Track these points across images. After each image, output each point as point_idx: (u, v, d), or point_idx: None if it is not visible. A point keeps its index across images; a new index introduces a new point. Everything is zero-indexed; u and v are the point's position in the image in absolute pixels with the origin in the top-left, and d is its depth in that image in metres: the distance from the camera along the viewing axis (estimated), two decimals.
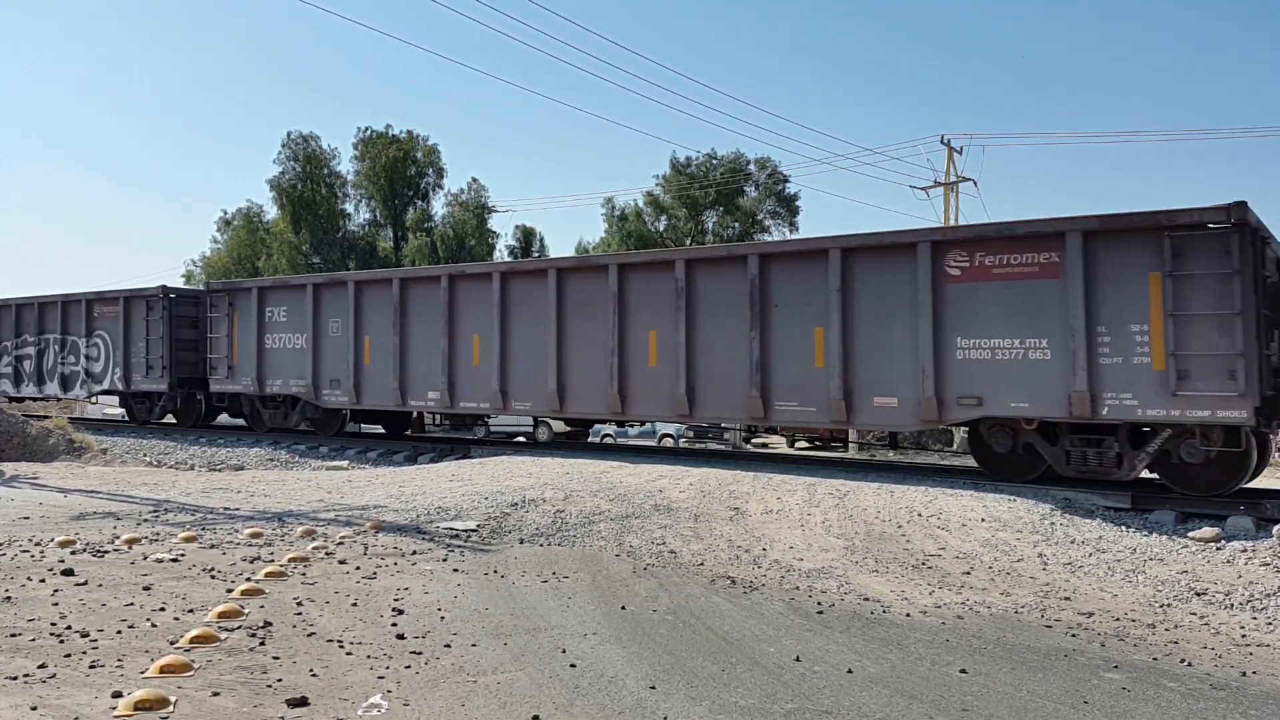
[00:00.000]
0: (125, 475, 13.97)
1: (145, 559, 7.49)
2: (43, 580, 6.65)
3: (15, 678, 4.63)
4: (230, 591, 6.47)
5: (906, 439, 20.91)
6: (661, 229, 47.78)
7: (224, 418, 21.92)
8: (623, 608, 6.48)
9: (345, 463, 16.67)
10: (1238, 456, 10.39)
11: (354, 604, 6.30)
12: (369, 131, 47.25)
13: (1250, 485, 10.91)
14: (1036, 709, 4.67)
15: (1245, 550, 8.41)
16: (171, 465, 16.77)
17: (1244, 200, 9.77)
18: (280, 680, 4.76)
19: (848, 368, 12.40)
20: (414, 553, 8.05)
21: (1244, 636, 6.10)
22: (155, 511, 10.10)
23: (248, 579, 6.87)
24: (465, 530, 9.14)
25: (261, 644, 5.34)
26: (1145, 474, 11.18)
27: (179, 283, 48.82)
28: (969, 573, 7.77)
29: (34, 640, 5.26)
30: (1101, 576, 7.70)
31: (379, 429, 21.10)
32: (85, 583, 6.62)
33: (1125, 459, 10.91)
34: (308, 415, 19.01)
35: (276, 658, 5.11)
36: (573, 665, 5.17)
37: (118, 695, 4.42)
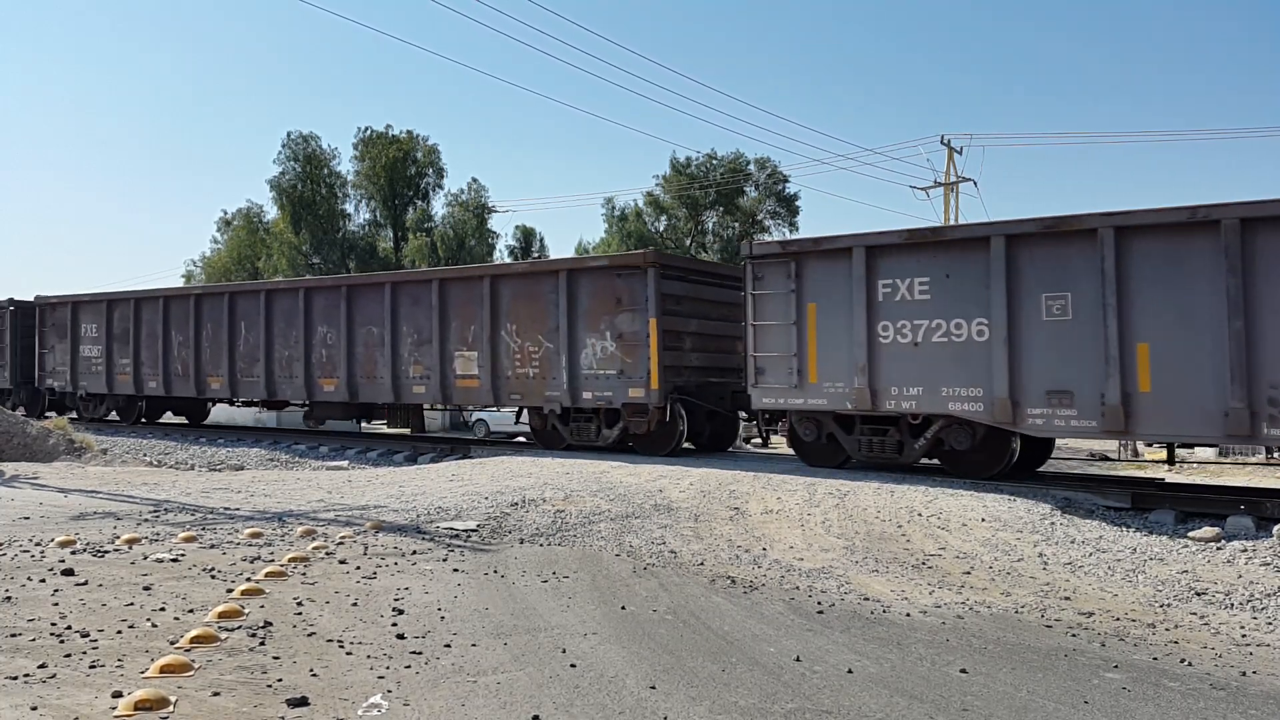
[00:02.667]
0: (125, 475, 13.97)
1: (145, 559, 7.49)
2: (43, 580, 6.65)
3: (15, 678, 4.63)
4: (230, 591, 6.47)
5: None
6: (661, 229, 47.75)
7: None
8: (623, 607, 6.48)
9: (345, 463, 16.67)
10: None
11: (354, 604, 6.30)
12: (369, 131, 47.21)
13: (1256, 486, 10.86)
14: (1037, 709, 4.67)
15: (1245, 550, 8.41)
16: (171, 465, 16.78)
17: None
18: (280, 680, 4.76)
19: None
20: (414, 553, 8.05)
21: (1244, 636, 6.09)
22: (155, 511, 10.10)
23: (248, 579, 6.86)
24: (465, 530, 9.14)
25: (262, 644, 5.34)
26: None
27: (179, 283, 48.75)
28: (969, 572, 7.77)
29: (34, 640, 5.26)
30: (1102, 576, 7.70)
31: None
32: (85, 583, 6.61)
33: None
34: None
35: (277, 658, 5.11)
36: (573, 665, 5.17)
37: (118, 695, 4.42)
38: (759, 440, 17.42)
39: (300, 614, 6.00)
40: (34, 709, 4.23)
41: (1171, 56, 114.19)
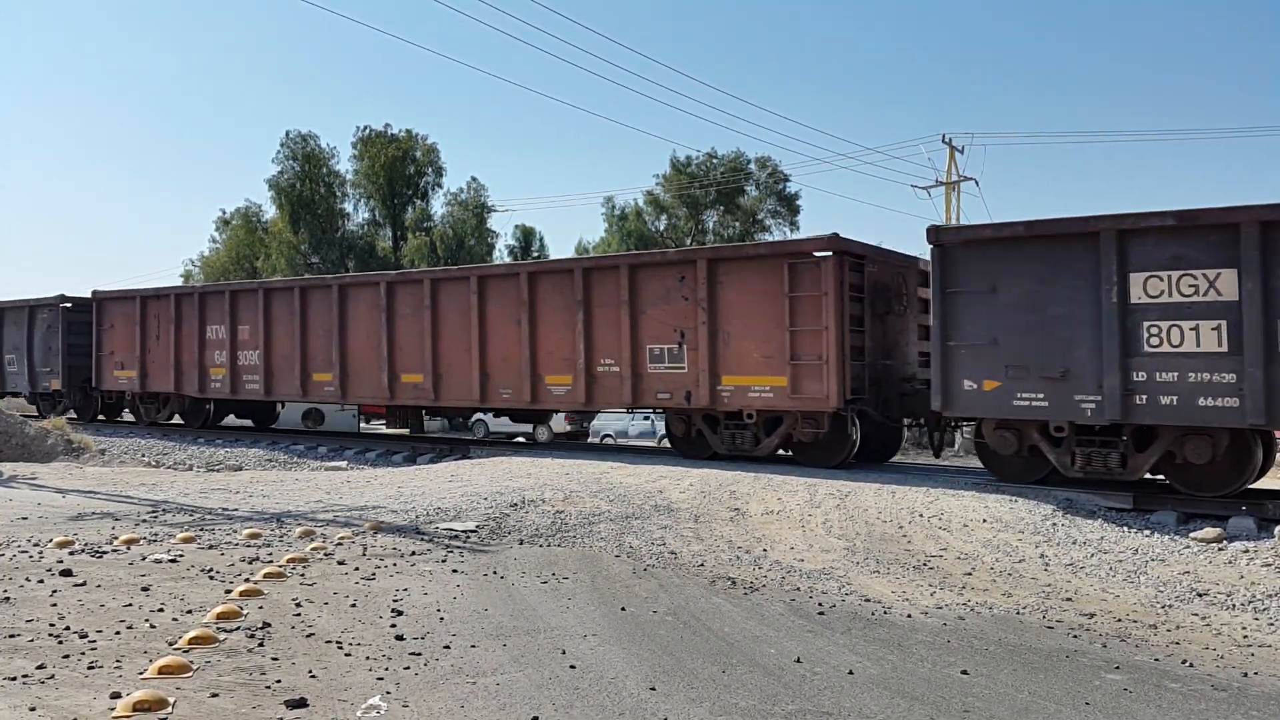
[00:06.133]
0: (123, 476, 13.95)
1: (144, 560, 7.48)
2: (41, 581, 6.63)
3: (14, 678, 4.62)
4: (229, 592, 6.45)
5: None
6: (662, 228, 47.74)
7: None
8: (623, 609, 6.46)
9: (344, 463, 16.66)
10: None
11: (353, 605, 6.28)
12: (368, 130, 47.09)
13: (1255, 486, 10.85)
14: (1038, 710, 4.66)
15: (1247, 551, 8.39)
16: (170, 466, 16.75)
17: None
18: (279, 681, 4.74)
19: None
20: (413, 553, 8.03)
21: (1246, 637, 6.08)
22: (154, 512, 10.08)
23: (246, 580, 6.85)
24: (464, 531, 9.12)
25: (260, 645, 5.32)
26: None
27: (178, 283, 48.63)
28: (970, 573, 7.75)
29: (32, 641, 5.24)
30: (1103, 577, 7.68)
31: None
32: (84, 583, 6.60)
33: None
34: None
35: (275, 659, 5.09)
36: (572, 666, 5.15)
37: (116, 696, 4.41)
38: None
39: (299, 615, 5.98)
40: (32, 709, 4.21)
41: (1171, 56, 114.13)
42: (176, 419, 21.84)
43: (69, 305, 22.88)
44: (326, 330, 18.13)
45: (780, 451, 13.84)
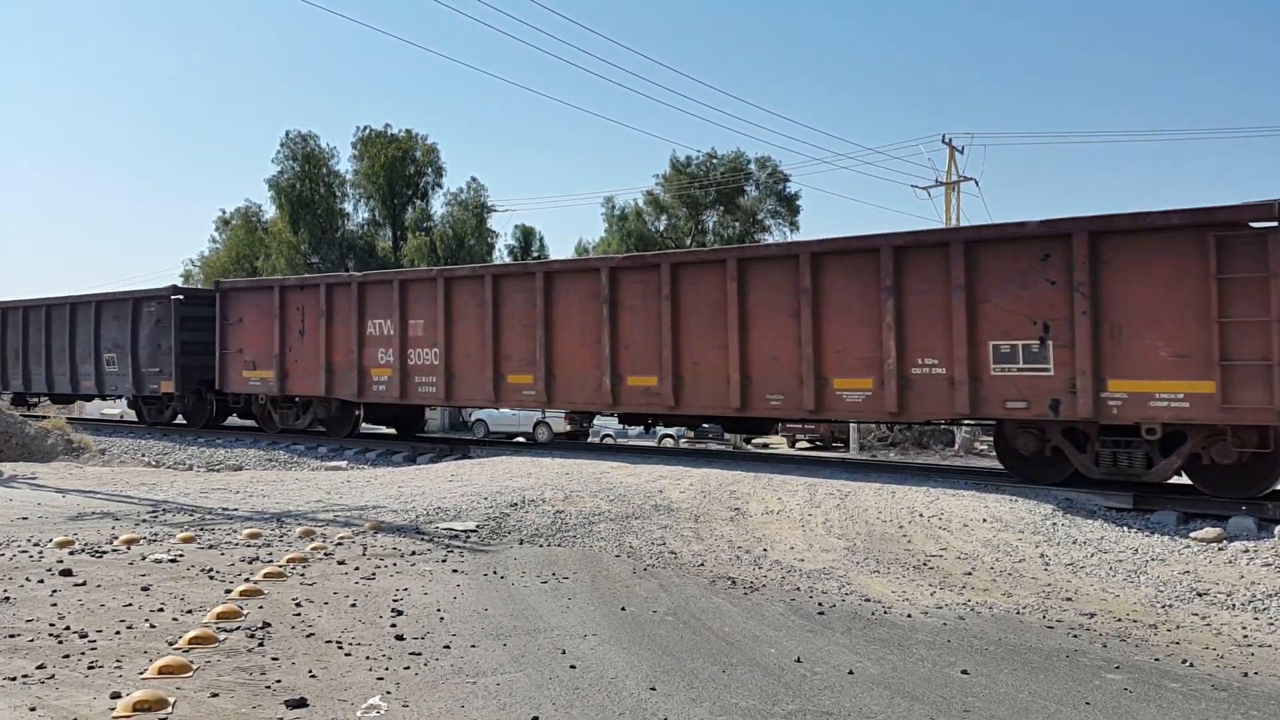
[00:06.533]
0: (123, 475, 13.95)
1: (144, 559, 7.47)
2: (41, 581, 6.63)
3: (14, 678, 4.61)
4: (229, 592, 6.45)
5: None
6: (662, 229, 47.75)
7: None
8: (623, 608, 6.46)
9: (344, 463, 16.65)
10: None
11: (353, 605, 6.28)
12: (368, 130, 47.11)
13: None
14: (1038, 710, 4.66)
15: (1247, 550, 8.39)
16: (170, 466, 16.75)
17: None
18: (279, 681, 4.74)
19: None
20: (413, 553, 8.03)
21: (1246, 637, 6.08)
22: (154, 512, 10.08)
23: (246, 580, 6.85)
24: (465, 531, 9.12)
25: (260, 645, 5.32)
26: None
27: (178, 283, 48.67)
28: (970, 573, 7.75)
29: (32, 641, 5.24)
30: (1103, 577, 7.69)
31: None
32: (84, 583, 6.60)
33: None
34: None
35: (275, 659, 5.09)
36: (572, 666, 5.15)
37: (116, 696, 4.41)
38: None
39: (299, 615, 5.98)
40: (32, 710, 4.21)
41: (1171, 56, 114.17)
42: (312, 425, 19.54)
43: (181, 298, 20.56)
44: (527, 325, 15.51)
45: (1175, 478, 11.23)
